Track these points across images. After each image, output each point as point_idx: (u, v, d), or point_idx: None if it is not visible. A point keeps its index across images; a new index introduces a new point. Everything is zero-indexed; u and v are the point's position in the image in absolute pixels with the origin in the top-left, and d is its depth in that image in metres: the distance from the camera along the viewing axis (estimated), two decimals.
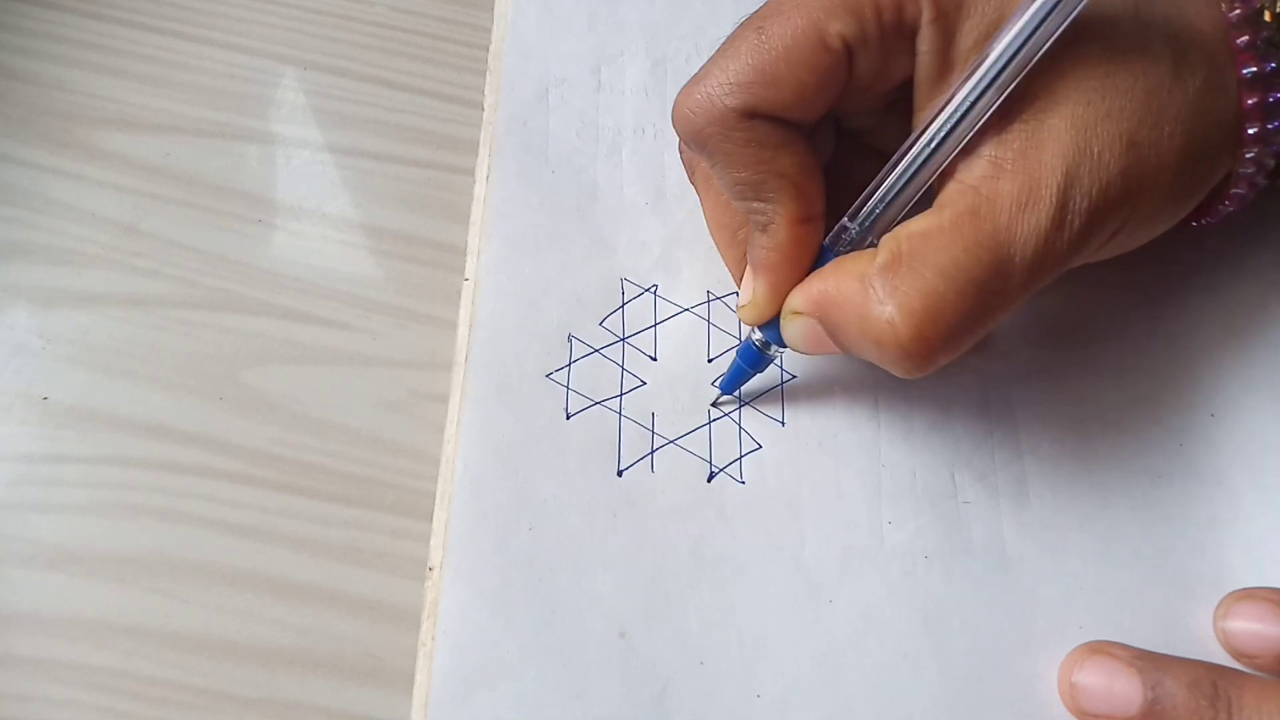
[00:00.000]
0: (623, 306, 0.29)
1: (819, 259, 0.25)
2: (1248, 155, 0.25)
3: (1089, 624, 0.26)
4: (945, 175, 0.24)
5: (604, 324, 0.29)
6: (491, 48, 0.34)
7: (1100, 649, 0.24)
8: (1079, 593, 0.26)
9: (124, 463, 0.28)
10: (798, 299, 0.25)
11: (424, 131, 0.34)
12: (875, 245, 0.24)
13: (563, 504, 0.26)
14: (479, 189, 0.31)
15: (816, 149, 0.26)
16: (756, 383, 0.28)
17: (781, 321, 0.26)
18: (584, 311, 0.29)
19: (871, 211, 0.24)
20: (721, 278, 0.30)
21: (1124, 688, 0.23)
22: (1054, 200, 0.22)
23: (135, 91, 0.34)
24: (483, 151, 0.32)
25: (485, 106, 0.33)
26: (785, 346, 0.26)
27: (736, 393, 0.28)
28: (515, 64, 0.33)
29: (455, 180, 0.33)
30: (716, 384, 0.28)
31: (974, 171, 0.23)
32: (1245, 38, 0.24)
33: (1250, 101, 0.24)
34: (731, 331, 0.29)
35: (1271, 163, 0.25)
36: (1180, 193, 0.25)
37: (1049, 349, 0.29)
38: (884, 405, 0.28)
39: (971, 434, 0.28)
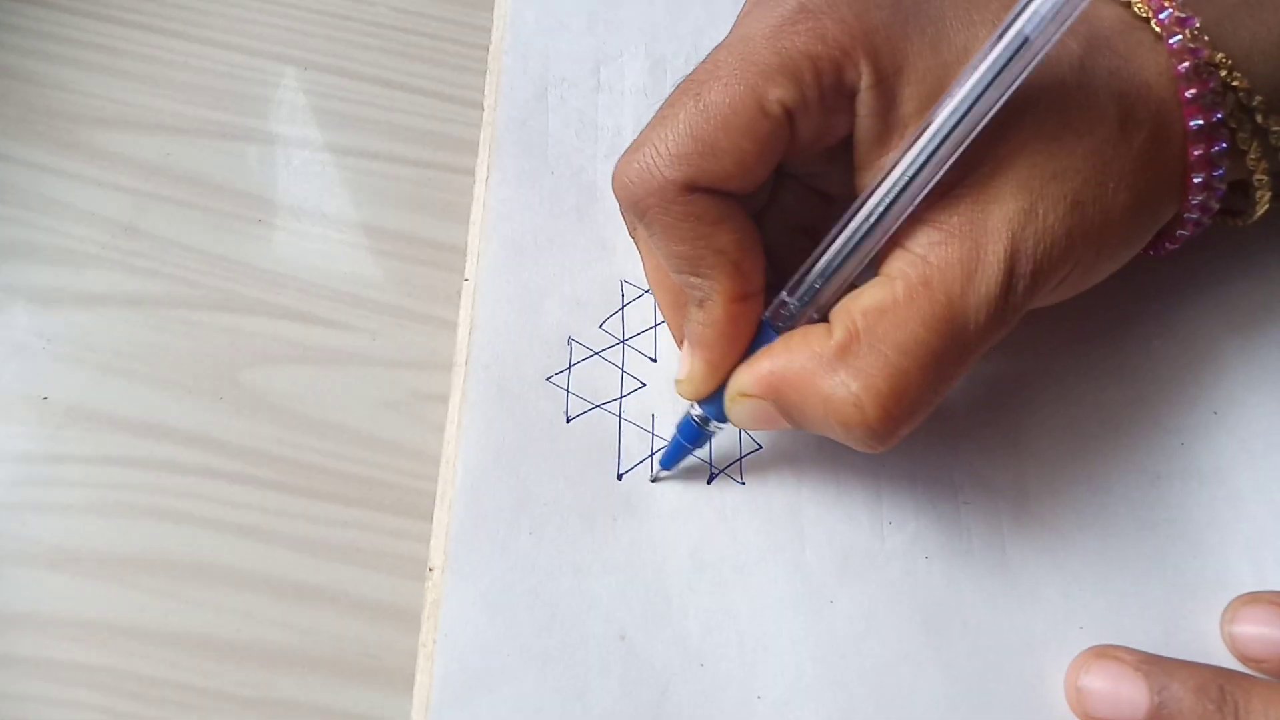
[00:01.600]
0: (622, 309, 0.29)
1: (760, 335, 0.25)
2: (1193, 201, 0.25)
3: (1089, 624, 0.26)
4: (890, 244, 0.23)
5: (604, 326, 0.29)
6: (491, 48, 0.34)
7: (1106, 653, 0.24)
8: (1079, 593, 0.26)
9: (124, 463, 0.28)
10: (746, 380, 0.24)
11: (424, 131, 0.34)
12: (817, 318, 0.24)
13: (563, 506, 0.26)
14: (479, 190, 0.31)
15: (755, 199, 0.26)
16: None
17: (727, 402, 0.25)
18: (583, 314, 0.29)
19: (812, 286, 0.24)
20: None
21: (1130, 692, 0.23)
22: (1001, 266, 0.22)
23: (135, 91, 0.34)
24: (482, 151, 0.32)
25: (485, 106, 0.33)
26: (726, 423, 0.25)
27: (674, 468, 0.27)
28: (515, 64, 0.33)
29: (455, 180, 0.33)
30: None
31: (921, 240, 0.23)
32: (1194, 90, 0.24)
33: (1196, 153, 0.24)
34: None
35: (1217, 205, 0.25)
36: (1125, 243, 0.25)
37: (1048, 349, 0.29)
38: None
39: (971, 434, 0.28)
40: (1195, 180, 0.24)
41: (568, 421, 0.28)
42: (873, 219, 0.23)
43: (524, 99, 0.33)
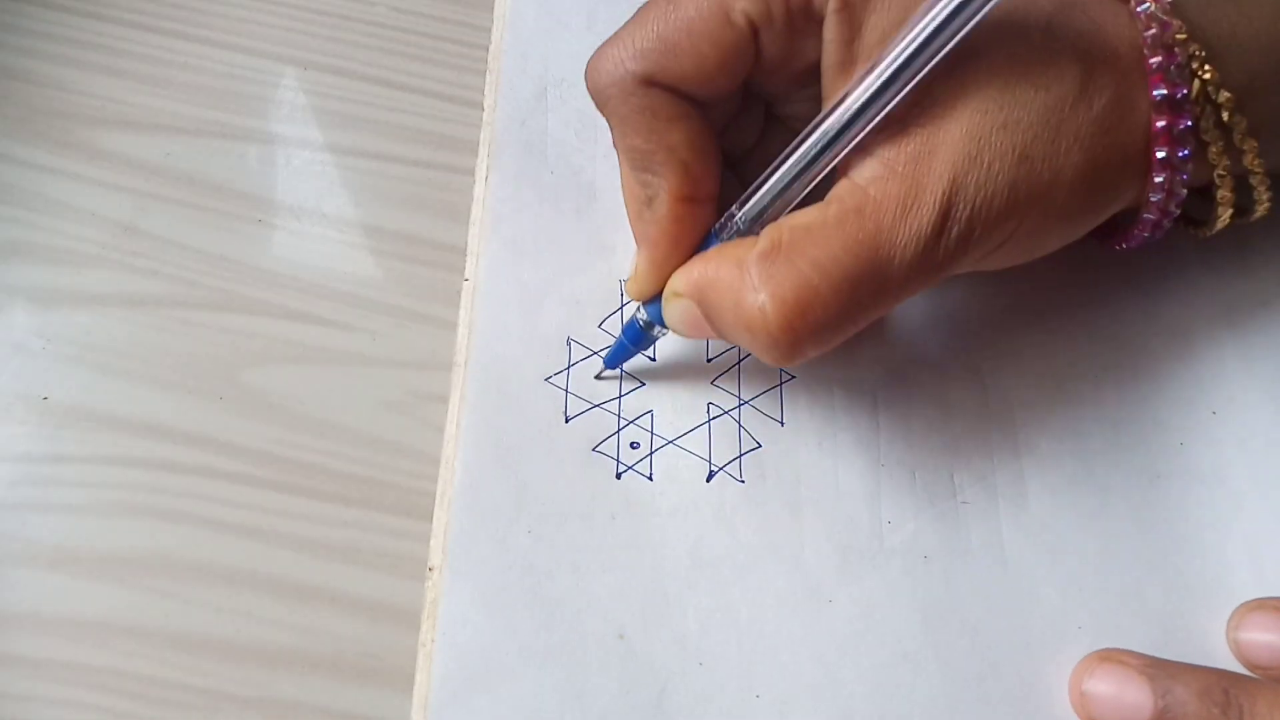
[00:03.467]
0: (622, 309, 0.29)
1: (705, 245, 0.25)
2: (1156, 180, 0.24)
3: (1088, 624, 0.26)
4: (839, 172, 0.24)
5: (602, 326, 0.29)
6: (491, 48, 0.34)
7: (1110, 656, 0.24)
8: (1078, 593, 0.26)
9: (124, 463, 0.28)
10: (679, 281, 0.25)
11: (424, 131, 0.34)
12: None
13: (562, 506, 0.26)
14: (478, 189, 0.31)
15: (740, 134, 0.26)
16: (756, 383, 0.28)
17: (664, 302, 0.26)
18: (583, 314, 0.29)
19: (759, 202, 0.24)
20: None
21: (1135, 696, 0.23)
22: (937, 207, 0.22)
23: (135, 91, 0.34)
24: (482, 151, 0.32)
25: (485, 106, 0.33)
26: (667, 329, 0.26)
27: (618, 370, 0.28)
28: (514, 64, 0.33)
29: (455, 180, 0.33)
30: (602, 359, 0.29)
31: (865, 172, 0.23)
32: (1159, 59, 0.23)
33: (1160, 124, 0.24)
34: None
35: (1184, 192, 0.25)
36: (1076, 211, 0.24)
37: (1047, 349, 0.29)
38: (883, 405, 0.28)
39: (971, 434, 0.28)
40: (1159, 155, 0.24)
41: (567, 421, 0.28)
42: (820, 145, 0.23)
43: (524, 99, 0.33)
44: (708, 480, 0.27)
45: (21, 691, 0.25)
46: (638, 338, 0.27)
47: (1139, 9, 0.24)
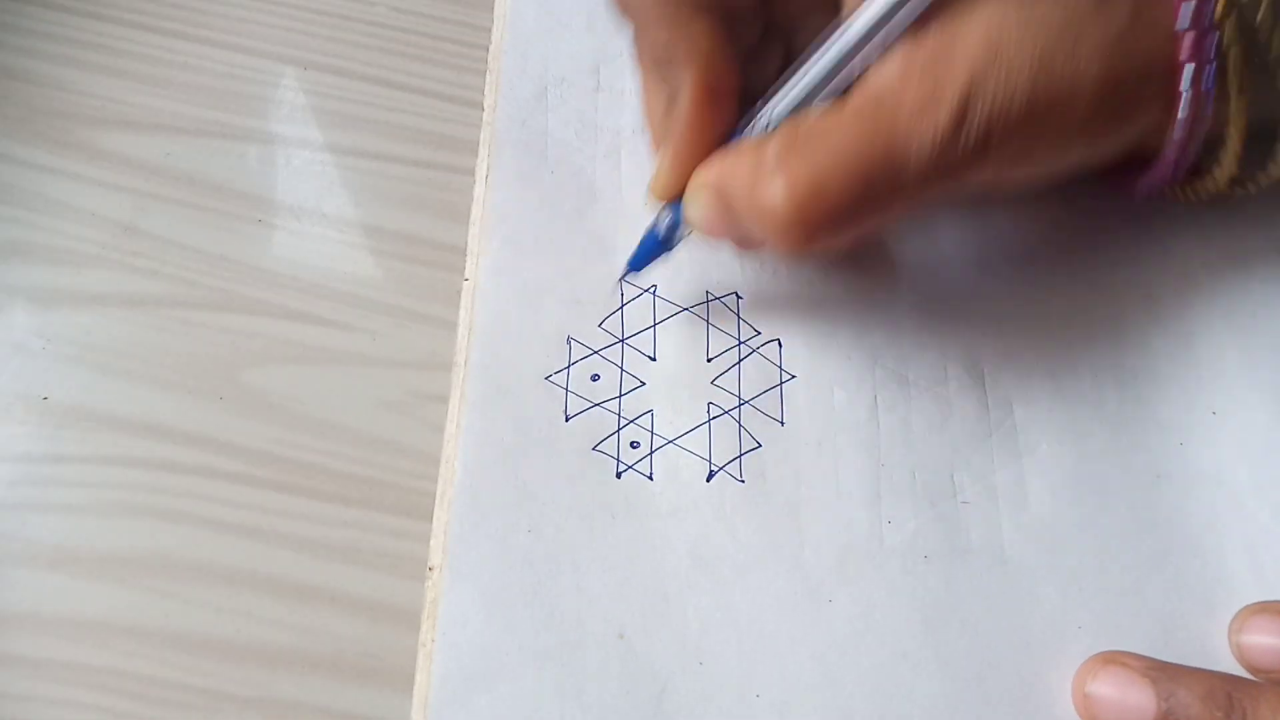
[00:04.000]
0: (622, 308, 0.29)
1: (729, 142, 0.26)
2: (1179, 110, 0.24)
3: (1088, 624, 0.26)
4: (861, 73, 0.24)
5: (603, 325, 0.29)
6: (491, 48, 0.34)
7: (1113, 659, 0.24)
8: (1078, 593, 0.26)
9: (124, 463, 0.28)
10: (701, 174, 0.26)
11: (424, 131, 0.34)
12: None
13: (562, 505, 0.26)
14: (479, 189, 0.31)
15: (760, 66, 0.27)
16: (756, 383, 0.28)
17: (686, 197, 0.26)
18: (583, 313, 0.29)
19: (787, 101, 0.25)
20: (721, 278, 0.30)
21: (1138, 698, 0.23)
22: (955, 104, 0.23)
23: (135, 91, 0.34)
24: (482, 151, 0.32)
25: (485, 106, 0.33)
26: (690, 230, 0.27)
27: (641, 271, 0.29)
28: (514, 64, 0.33)
29: (455, 180, 0.33)
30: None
31: (886, 69, 0.24)
32: None
33: (1185, 49, 0.24)
34: (730, 332, 0.29)
35: (1204, 132, 0.25)
36: (1096, 127, 0.25)
37: (1048, 350, 0.29)
38: (883, 405, 0.28)
39: (971, 434, 0.28)
40: (1181, 87, 0.24)
41: (567, 420, 0.28)
42: (849, 44, 0.24)
43: (524, 99, 0.33)
44: (708, 480, 0.27)
45: (21, 691, 0.25)
46: (661, 239, 0.28)
47: None
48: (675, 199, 0.27)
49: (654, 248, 0.28)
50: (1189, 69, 0.24)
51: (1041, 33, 0.23)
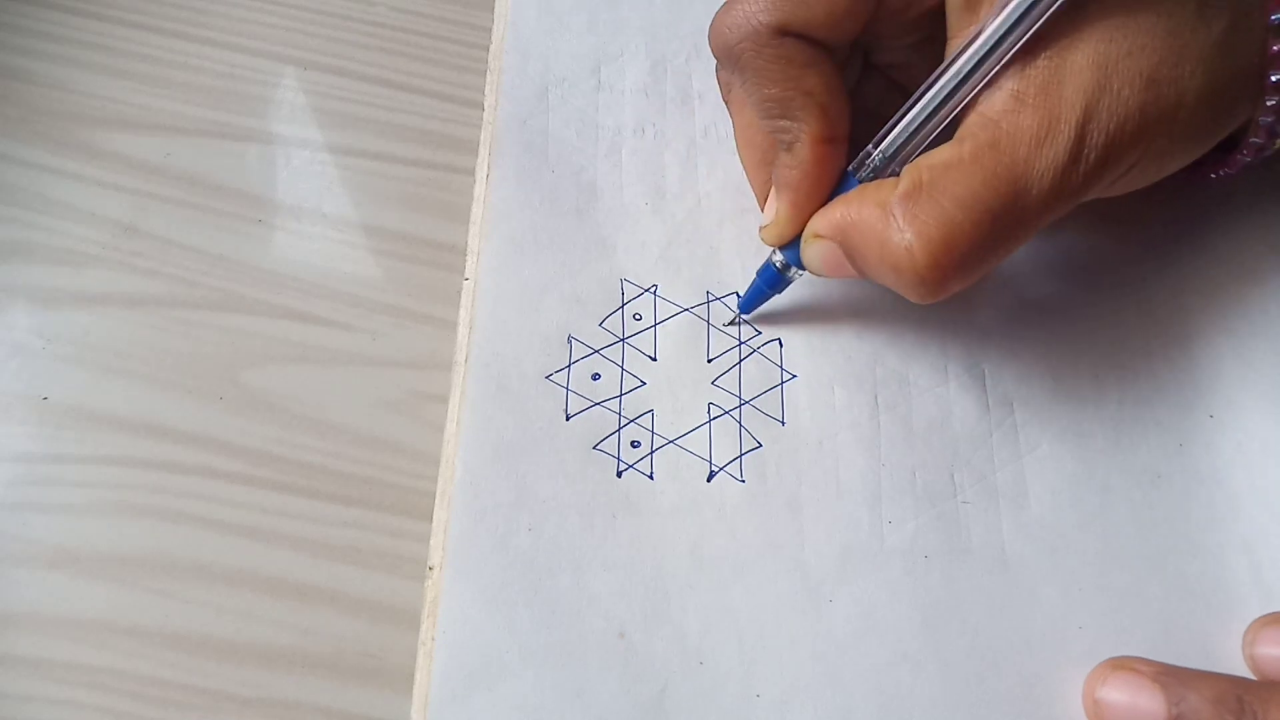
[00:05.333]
0: (622, 307, 0.29)
1: (842, 185, 0.26)
2: (1269, 103, 0.25)
3: (1088, 624, 0.26)
4: (968, 108, 0.24)
5: (604, 324, 0.29)
6: (491, 47, 0.34)
7: (1123, 664, 0.24)
8: (1078, 593, 0.26)
9: (124, 463, 0.28)
10: (820, 222, 0.26)
11: (424, 131, 0.34)
12: (898, 174, 0.25)
13: (562, 504, 0.26)
14: (479, 189, 0.31)
15: (839, 56, 0.27)
16: (756, 383, 0.28)
17: (802, 244, 0.27)
18: (583, 312, 0.29)
19: (895, 140, 0.25)
20: (721, 278, 0.30)
21: (1148, 703, 0.23)
22: (1072, 135, 0.23)
23: (135, 91, 0.34)
24: (483, 151, 0.32)
25: (485, 106, 0.33)
26: (804, 269, 0.27)
27: (752, 313, 0.29)
28: (515, 64, 0.33)
29: (455, 180, 0.33)
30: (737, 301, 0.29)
31: (996, 105, 0.24)
32: None
33: (1276, 48, 0.24)
34: (730, 333, 0.29)
35: None
36: (1197, 132, 0.25)
37: (1048, 350, 0.29)
38: (884, 405, 0.28)
39: (971, 434, 0.28)
40: (1273, 79, 0.24)
41: (567, 419, 0.28)
42: (958, 79, 0.24)
43: (524, 98, 0.33)
44: (708, 480, 0.27)
45: (21, 691, 0.25)
46: (774, 280, 0.28)
47: None
48: (788, 244, 0.27)
49: (767, 290, 0.28)
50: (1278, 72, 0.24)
51: (1148, 53, 0.23)
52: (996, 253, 0.24)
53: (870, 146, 0.26)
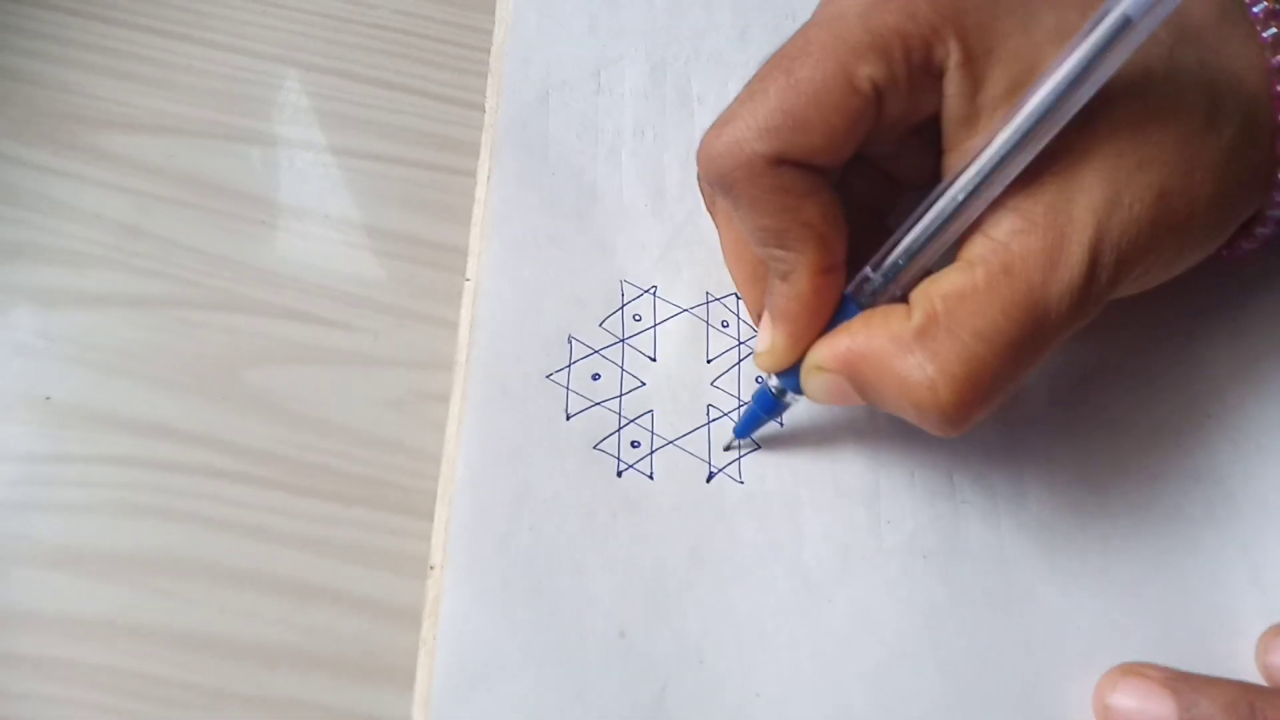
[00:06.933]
0: (622, 308, 0.30)
1: (840, 310, 0.25)
2: (1278, 198, 0.25)
3: (1088, 624, 0.26)
4: (972, 228, 0.23)
5: (604, 325, 0.29)
6: (492, 50, 0.35)
7: (1134, 670, 0.24)
8: (1077, 593, 0.26)
9: (126, 462, 0.28)
10: (824, 355, 0.24)
11: (425, 133, 0.34)
12: (899, 296, 0.24)
13: (563, 504, 0.26)
14: (480, 191, 0.31)
15: (834, 174, 0.26)
16: (756, 384, 0.28)
17: (803, 375, 0.25)
18: (584, 313, 0.29)
19: (896, 263, 0.24)
20: (721, 279, 0.30)
21: (1159, 709, 0.23)
22: (1085, 256, 0.22)
23: (138, 93, 0.34)
24: (484, 153, 0.32)
25: (486, 109, 0.33)
26: (801, 395, 0.26)
27: (747, 437, 0.28)
28: (516, 67, 0.33)
29: (456, 182, 0.33)
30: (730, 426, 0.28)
31: (1003, 226, 0.22)
32: None
33: None
34: (730, 333, 0.29)
35: None
36: (1208, 236, 0.24)
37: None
38: None
39: (969, 435, 0.28)
40: None
41: (568, 419, 0.28)
42: (959, 200, 0.23)
43: (525, 101, 0.33)
44: (708, 481, 0.27)
45: (23, 691, 0.25)
46: (771, 406, 0.27)
47: (1264, 35, 0.24)
48: (785, 371, 0.26)
49: (763, 415, 0.27)
50: None
51: (1158, 165, 0.22)
52: (1018, 378, 0.23)
53: (869, 269, 0.24)
